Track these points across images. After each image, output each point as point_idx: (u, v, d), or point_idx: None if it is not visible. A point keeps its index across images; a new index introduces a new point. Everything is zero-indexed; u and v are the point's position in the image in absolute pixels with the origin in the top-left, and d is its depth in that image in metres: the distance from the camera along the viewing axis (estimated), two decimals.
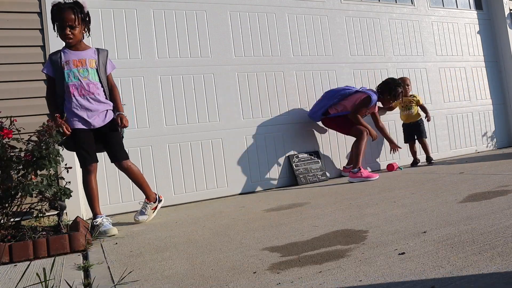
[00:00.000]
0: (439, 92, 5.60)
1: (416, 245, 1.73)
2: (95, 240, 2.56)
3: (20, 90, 3.17)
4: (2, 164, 2.42)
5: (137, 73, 3.85)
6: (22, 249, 2.17)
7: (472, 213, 2.17)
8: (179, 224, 2.87)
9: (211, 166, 4.07)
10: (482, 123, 5.95)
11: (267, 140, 4.38)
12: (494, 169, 3.76)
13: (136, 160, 3.74)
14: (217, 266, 1.78)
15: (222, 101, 4.19)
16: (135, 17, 3.90)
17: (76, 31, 2.77)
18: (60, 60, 2.78)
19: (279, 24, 4.59)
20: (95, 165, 2.83)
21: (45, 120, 2.53)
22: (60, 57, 2.79)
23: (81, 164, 2.83)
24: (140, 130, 3.81)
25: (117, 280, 1.69)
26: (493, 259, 1.44)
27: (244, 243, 2.13)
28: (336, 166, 4.72)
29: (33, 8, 3.27)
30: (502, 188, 2.76)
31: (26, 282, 1.70)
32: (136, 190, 3.69)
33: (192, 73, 4.09)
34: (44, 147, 2.41)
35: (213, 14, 4.25)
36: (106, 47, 3.73)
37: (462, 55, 5.91)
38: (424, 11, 5.64)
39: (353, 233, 2.09)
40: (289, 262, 1.72)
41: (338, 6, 5.00)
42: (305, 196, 3.54)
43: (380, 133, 4.75)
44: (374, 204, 2.79)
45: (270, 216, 2.81)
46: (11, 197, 2.42)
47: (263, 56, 4.46)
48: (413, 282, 1.32)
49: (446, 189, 3.03)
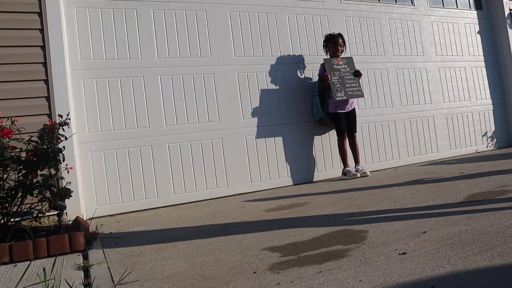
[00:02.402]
0: (439, 92, 5.60)
1: (416, 245, 1.73)
2: (95, 240, 2.56)
3: (20, 90, 3.17)
4: (2, 164, 2.42)
5: (137, 73, 3.85)
6: (22, 249, 2.16)
7: (472, 213, 2.17)
8: (179, 224, 2.87)
9: (211, 166, 4.07)
10: (482, 123, 5.95)
11: (267, 140, 4.38)
12: (494, 169, 3.76)
13: (136, 160, 3.75)
14: (217, 266, 1.78)
15: (222, 101, 4.20)
16: (135, 17, 3.90)
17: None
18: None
19: (279, 24, 4.59)
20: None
21: (46, 120, 2.53)
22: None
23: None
24: (140, 130, 3.81)
25: (117, 280, 1.69)
26: (493, 259, 1.43)
27: (244, 243, 2.13)
28: (334, 167, 4.71)
29: (33, 8, 3.27)
30: (502, 188, 2.76)
31: (26, 282, 1.70)
32: (136, 190, 3.71)
33: (192, 73, 4.09)
34: (46, 146, 2.41)
35: (213, 14, 4.25)
36: (106, 47, 3.75)
37: (462, 55, 5.91)
38: (424, 11, 5.64)
39: (353, 233, 2.09)
40: (289, 262, 1.72)
41: (338, 6, 5.00)
42: (305, 196, 3.54)
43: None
44: (374, 204, 2.79)
45: (270, 216, 2.81)
46: (11, 197, 2.42)
47: (263, 56, 4.46)
48: (413, 282, 1.32)
49: (446, 189, 3.03)
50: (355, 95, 4.52)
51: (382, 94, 5.13)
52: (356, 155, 4.57)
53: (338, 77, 4.49)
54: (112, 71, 3.75)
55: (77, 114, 3.57)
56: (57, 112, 3.09)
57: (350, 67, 4.61)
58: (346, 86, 4.50)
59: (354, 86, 4.54)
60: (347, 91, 4.48)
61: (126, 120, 3.76)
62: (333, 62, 4.54)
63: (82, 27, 3.67)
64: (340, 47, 4.61)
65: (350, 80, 4.54)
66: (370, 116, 5.00)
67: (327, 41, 4.64)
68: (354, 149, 4.56)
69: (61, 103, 3.26)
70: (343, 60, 4.61)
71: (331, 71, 4.47)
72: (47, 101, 3.23)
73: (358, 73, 4.60)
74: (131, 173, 3.72)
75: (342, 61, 4.59)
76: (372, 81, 5.07)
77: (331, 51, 4.62)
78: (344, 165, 4.53)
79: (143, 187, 3.75)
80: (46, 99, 3.23)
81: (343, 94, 4.44)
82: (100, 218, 3.42)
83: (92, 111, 3.64)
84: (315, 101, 4.60)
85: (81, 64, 3.64)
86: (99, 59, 3.72)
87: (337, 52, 4.61)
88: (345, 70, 4.57)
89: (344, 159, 4.53)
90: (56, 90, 3.26)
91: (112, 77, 3.74)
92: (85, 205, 3.48)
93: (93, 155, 3.60)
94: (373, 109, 5.04)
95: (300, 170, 4.49)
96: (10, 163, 2.42)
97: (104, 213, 3.54)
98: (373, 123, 5.01)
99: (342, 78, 4.51)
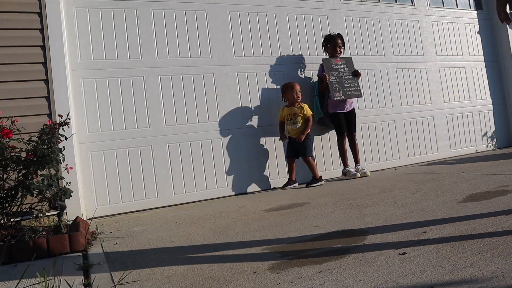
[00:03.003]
0: (439, 92, 5.60)
1: (416, 245, 1.73)
2: (95, 240, 2.57)
3: (20, 90, 3.17)
4: (2, 164, 2.42)
5: (137, 73, 3.85)
6: (22, 249, 2.17)
7: (472, 213, 2.17)
8: (179, 224, 2.87)
9: (211, 166, 4.07)
10: (482, 123, 5.95)
11: (267, 140, 4.38)
12: (494, 169, 3.76)
13: (136, 160, 3.75)
14: (217, 266, 1.78)
15: (222, 101, 4.20)
16: (135, 17, 3.90)
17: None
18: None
19: (279, 24, 4.59)
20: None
21: (46, 120, 2.53)
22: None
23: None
24: (140, 130, 3.81)
25: (117, 280, 1.69)
26: (493, 259, 1.43)
27: (244, 243, 2.13)
28: (334, 167, 4.71)
29: (33, 8, 3.27)
30: (502, 188, 2.76)
31: (26, 282, 1.70)
32: (136, 190, 3.71)
33: (192, 73, 4.09)
34: (46, 146, 2.41)
35: (213, 14, 4.25)
36: (106, 47, 3.75)
37: (462, 55, 5.91)
38: (424, 11, 5.64)
39: (353, 233, 2.09)
40: (289, 262, 1.72)
41: (338, 6, 5.00)
42: (305, 196, 3.54)
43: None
44: (374, 204, 2.79)
45: (270, 216, 2.81)
46: (11, 197, 2.42)
47: (263, 56, 4.46)
48: (413, 282, 1.33)
49: (446, 189, 3.03)
50: (353, 95, 4.52)
51: (382, 94, 5.13)
52: (356, 155, 4.57)
53: (336, 77, 4.47)
54: (112, 71, 3.75)
55: (77, 114, 3.57)
56: (57, 112, 3.09)
57: (349, 67, 4.60)
58: (345, 86, 4.48)
59: (352, 86, 4.53)
60: (346, 91, 4.47)
61: (126, 120, 3.76)
62: (331, 62, 4.53)
63: (82, 27, 3.67)
64: (338, 48, 4.60)
65: (349, 80, 4.53)
66: (370, 116, 5.00)
67: (326, 42, 4.63)
68: (354, 149, 4.56)
69: (61, 103, 3.26)
70: (342, 60, 4.60)
71: (330, 71, 4.47)
72: (47, 101, 3.23)
73: (357, 73, 4.59)
74: (131, 173, 3.72)
75: (341, 61, 4.58)
76: (372, 81, 5.07)
77: (330, 51, 4.62)
78: (344, 165, 4.53)
79: (143, 187, 3.75)
80: (46, 99, 3.23)
81: (341, 94, 4.43)
82: (100, 218, 3.42)
83: (92, 111, 3.65)
84: (315, 102, 4.60)
85: (81, 64, 3.64)
86: (99, 59, 3.72)
87: (335, 53, 4.60)
88: (344, 70, 4.56)
89: (344, 159, 4.53)
90: (56, 90, 3.26)
91: (112, 77, 3.75)
92: (85, 205, 3.48)
93: (93, 155, 3.60)
94: (373, 109, 5.04)
95: (301, 170, 4.48)
96: (10, 163, 2.42)
97: (104, 213, 3.55)
98: (373, 123, 5.01)
99: (340, 78, 4.49)
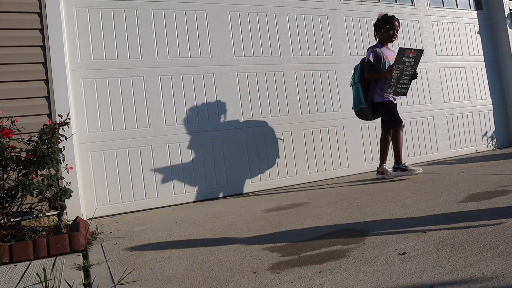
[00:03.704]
0: (439, 92, 5.59)
1: (416, 245, 1.73)
2: (95, 240, 2.56)
3: (20, 90, 3.17)
4: (2, 164, 2.42)
5: (137, 73, 3.85)
6: (22, 249, 2.17)
7: (472, 213, 2.17)
8: (179, 224, 2.87)
9: (211, 166, 4.07)
10: (482, 123, 5.95)
11: (267, 140, 4.38)
12: (494, 169, 3.76)
13: (136, 160, 3.75)
14: (217, 266, 1.78)
15: (222, 101, 4.20)
16: (135, 17, 3.90)
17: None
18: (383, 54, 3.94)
19: (279, 24, 4.59)
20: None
21: (46, 120, 2.53)
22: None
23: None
24: (140, 130, 3.81)
25: (117, 280, 1.69)
26: (493, 259, 1.44)
27: (244, 243, 2.13)
28: (333, 167, 4.71)
29: (33, 8, 3.27)
30: (502, 188, 2.76)
31: (26, 282, 1.70)
32: (136, 190, 3.71)
33: (192, 73, 4.09)
34: (46, 146, 2.41)
35: (213, 14, 4.25)
36: (106, 47, 3.75)
37: (462, 55, 5.91)
38: (424, 11, 5.64)
39: (353, 233, 2.09)
40: (289, 262, 1.72)
41: (338, 6, 4.99)
42: (305, 196, 3.54)
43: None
44: (374, 204, 2.79)
45: (270, 216, 2.81)
46: (11, 197, 2.42)
47: (263, 56, 4.46)
48: (413, 282, 1.32)
49: (446, 189, 3.03)
50: (401, 92, 4.01)
51: None
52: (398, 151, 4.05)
53: (399, 71, 3.90)
54: (112, 71, 3.75)
55: (77, 114, 3.57)
56: (57, 112, 3.09)
57: (416, 62, 3.96)
58: (400, 82, 3.96)
59: (404, 84, 3.99)
60: (397, 88, 3.96)
61: (126, 120, 3.76)
62: (405, 53, 3.87)
63: (82, 27, 3.67)
64: (396, 32, 4.07)
65: (406, 77, 3.97)
66: None
67: (384, 22, 4.05)
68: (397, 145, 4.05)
69: (61, 103, 3.26)
70: (414, 53, 3.93)
71: (398, 63, 3.86)
72: (47, 101, 3.23)
73: (415, 75, 4.03)
74: (131, 173, 3.72)
75: (412, 54, 3.92)
76: None
77: (384, 35, 4.06)
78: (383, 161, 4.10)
79: (143, 187, 3.75)
80: (46, 99, 3.23)
81: (391, 90, 3.94)
82: (100, 218, 3.42)
83: (92, 111, 3.65)
84: (355, 89, 4.10)
85: (81, 64, 3.64)
86: (99, 59, 3.72)
87: (391, 38, 4.06)
88: (409, 65, 3.94)
89: (384, 155, 4.11)
90: (56, 90, 3.26)
91: (112, 77, 3.75)
92: (85, 205, 3.48)
93: (93, 155, 3.60)
94: None
95: (301, 170, 4.48)
96: (10, 163, 2.42)
97: (104, 213, 3.55)
98: (373, 123, 5.00)
99: (401, 73, 3.93)
